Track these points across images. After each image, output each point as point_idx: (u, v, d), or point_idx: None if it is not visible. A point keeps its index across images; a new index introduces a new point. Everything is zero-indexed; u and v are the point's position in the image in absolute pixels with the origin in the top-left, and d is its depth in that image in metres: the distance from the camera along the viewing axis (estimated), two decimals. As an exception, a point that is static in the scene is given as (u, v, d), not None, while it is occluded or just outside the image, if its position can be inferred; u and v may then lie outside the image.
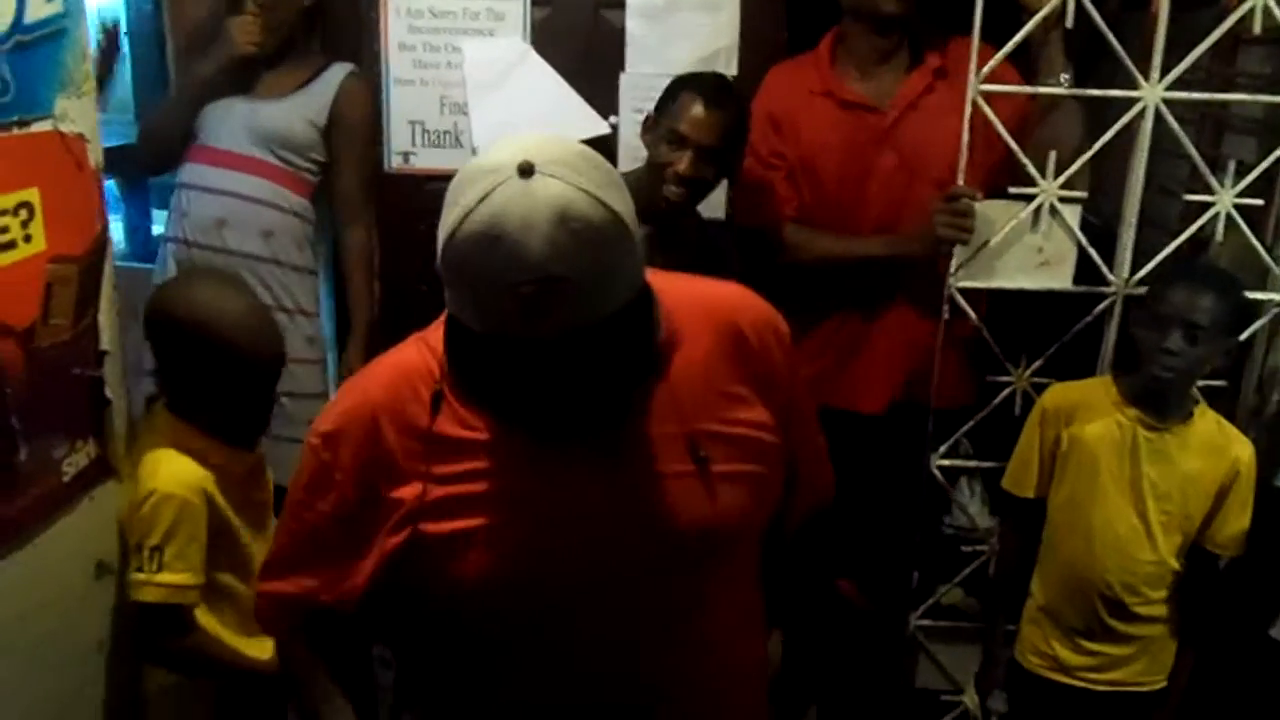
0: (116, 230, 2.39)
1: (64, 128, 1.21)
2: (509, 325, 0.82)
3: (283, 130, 1.86)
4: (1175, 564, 1.57)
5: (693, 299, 0.98)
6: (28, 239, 1.16)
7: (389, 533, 0.93)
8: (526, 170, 0.80)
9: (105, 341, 1.32)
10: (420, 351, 0.96)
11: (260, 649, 1.37)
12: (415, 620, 1.00)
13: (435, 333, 0.96)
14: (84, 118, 1.24)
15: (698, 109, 1.60)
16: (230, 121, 1.84)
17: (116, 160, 1.89)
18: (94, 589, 1.32)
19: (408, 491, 0.92)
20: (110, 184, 2.10)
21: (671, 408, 0.94)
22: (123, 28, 2.42)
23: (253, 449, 1.40)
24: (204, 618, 1.33)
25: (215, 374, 1.31)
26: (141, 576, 1.27)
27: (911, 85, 1.80)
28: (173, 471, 1.29)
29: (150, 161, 1.96)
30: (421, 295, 2.06)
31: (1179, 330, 1.46)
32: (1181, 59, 1.63)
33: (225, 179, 1.85)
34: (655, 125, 1.66)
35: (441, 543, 0.92)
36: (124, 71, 2.38)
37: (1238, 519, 1.56)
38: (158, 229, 2.49)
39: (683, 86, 1.64)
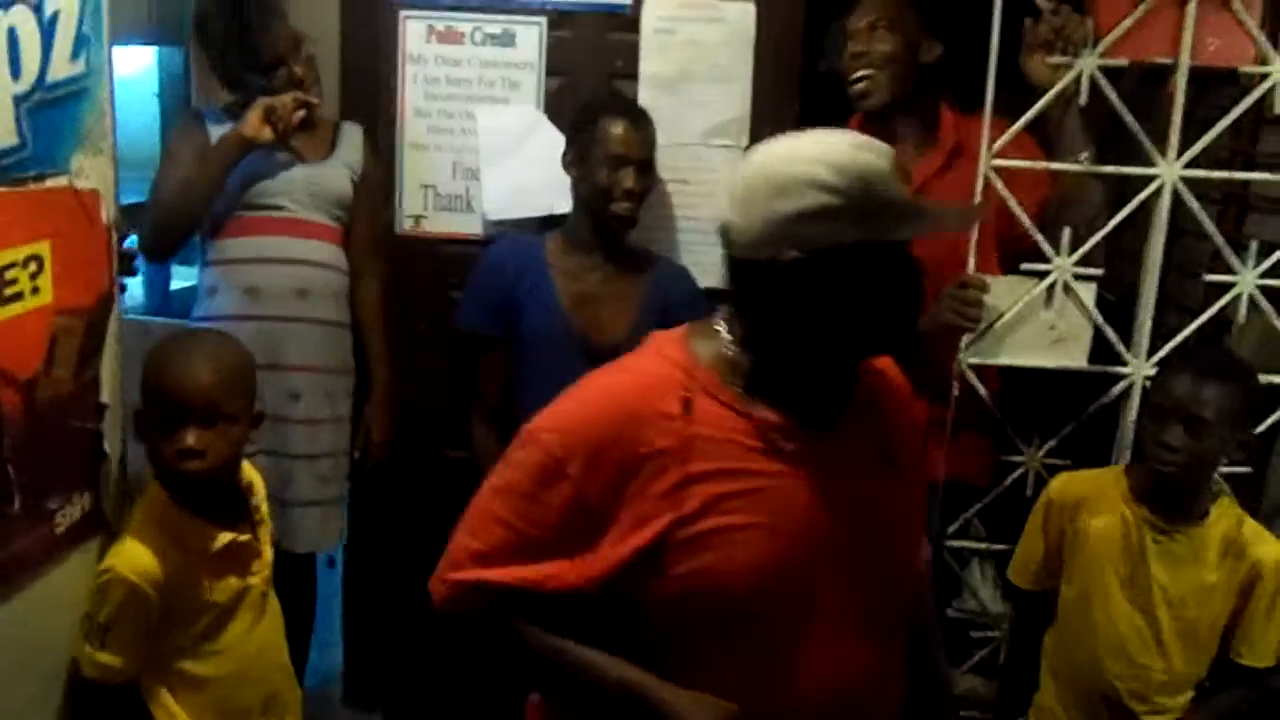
0: (136, 284, 2.43)
1: (79, 183, 1.24)
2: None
3: (339, 191, 1.89)
4: (1193, 673, 1.48)
5: None
6: (35, 291, 1.18)
7: (643, 525, 0.95)
8: None
9: (106, 395, 1.32)
10: (660, 363, 1.00)
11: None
12: (638, 616, 0.99)
13: (668, 346, 1.02)
14: (100, 174, 1.27)
15: (624, 129, 1.75)
16: (294, 190, 1.84)
17: (137, 217, 1.92)
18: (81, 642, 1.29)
19: (659, 491, 0.95)
20: (133, 240, 2.14)
21: (864, 415, 1.03)
22: (154, 89, 2.50)
23: (237, 531, 1.34)
24: (179, 711, 1.30)
25: (144, 409, 1.29)
26: (85, 649, 1.25)
27: (925, 166, 1.79)
28: (134, 554, 1.26)
29: (157, 249, 1.85)
30: (426, 350, 2.06)
31: (1179, 423, 1.40)
32: (1202, 138, 1.63)
33: (303, 248, 1.84)
34: (582, 158, 1.79)
35: (696, 540, 0.95)
36: (152, 131, 2.44)
37: (1263, 628, 1.46)
38: (176, 283, 2.53)
39: (598, 114, 1.78)
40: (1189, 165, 1.62)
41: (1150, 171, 1.63)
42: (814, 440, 0.98)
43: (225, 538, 1.31)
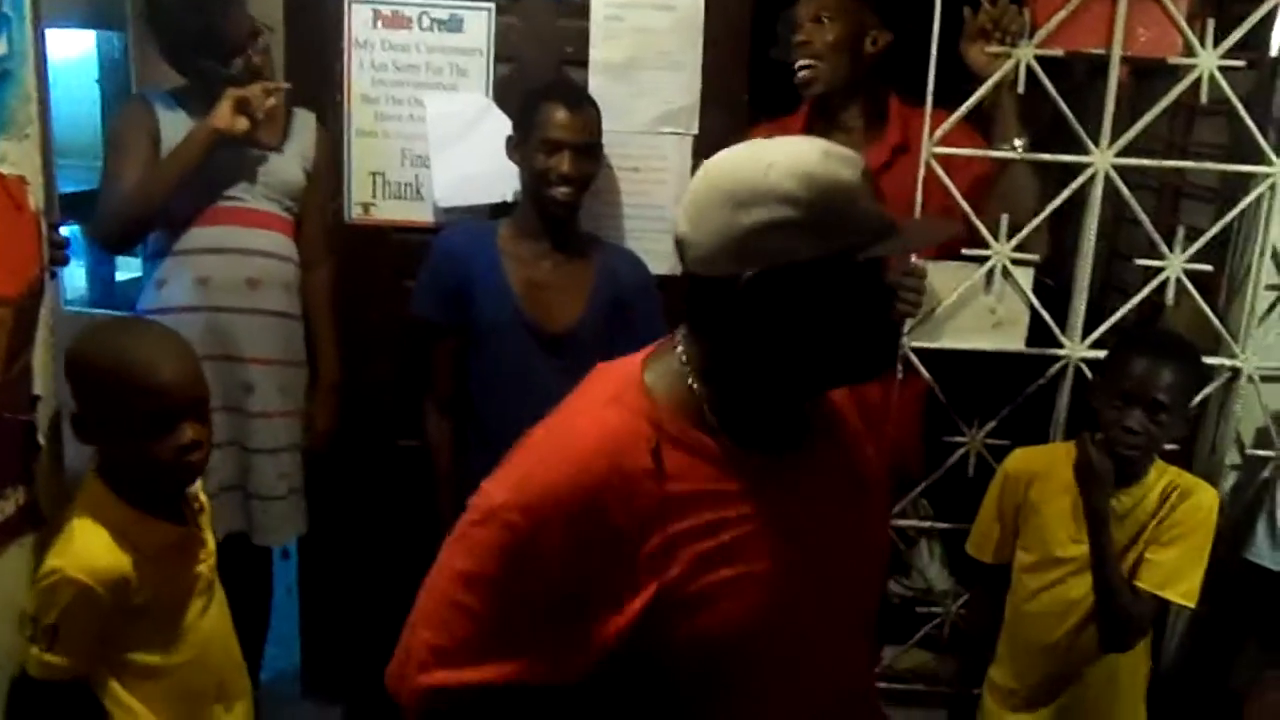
0: (79, 275, 2.38)
1: (4, 169, 1.21)
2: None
3: (292, 181, 1.87)
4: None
5: None
6: (-39, 280, 1.15)
7: (626, 601, 0.87)
8: None
9: (39, 386, 1.30)
10: (619, 413, 0.90)
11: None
12: (636, 679, 0.93)
13: (626, 392, 0.91)
14: (26, 160, 1.24)
15: (562, 114, 1.75)
16: (244, 179, 1.81)
17: (78, 205, 1.88)
18: (18, 640, 1.26)
19: (640, 560, 0.87)
20: (74, 229, 2.09)
21: (830, 436, 0.99)
22: (94, 74, 2.44)
23: (181, 523, 1.33)
24: (133, 703, 1.28)
25: (128, 411, 1.22)
26: (33, 651, 1.22)
27: (871, 158, 1.80)
28: (82, 553, 1.21)
29: (120, 243, 1.85)
30: (377, 339, 2.05)
31: (1140, 407, 1.46)
32: (1144, 128, 1.67)
33: (255, 238, 1.82)
34: (523, 142, 1.80)
35: (685, 603, 0.88)
36: (93, 116, 2.39)
37: (1190, 564, 1.50)
38: (121, 274, 2.48)
39: (539, 99, 1.78)
40: (1122, 154, 1.66)
41: (1083, 159, 1.67)
42: (785, 469, 0.93)
43: (174, 532, 1.30)
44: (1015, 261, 1.69)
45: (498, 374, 1.86)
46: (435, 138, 1.97)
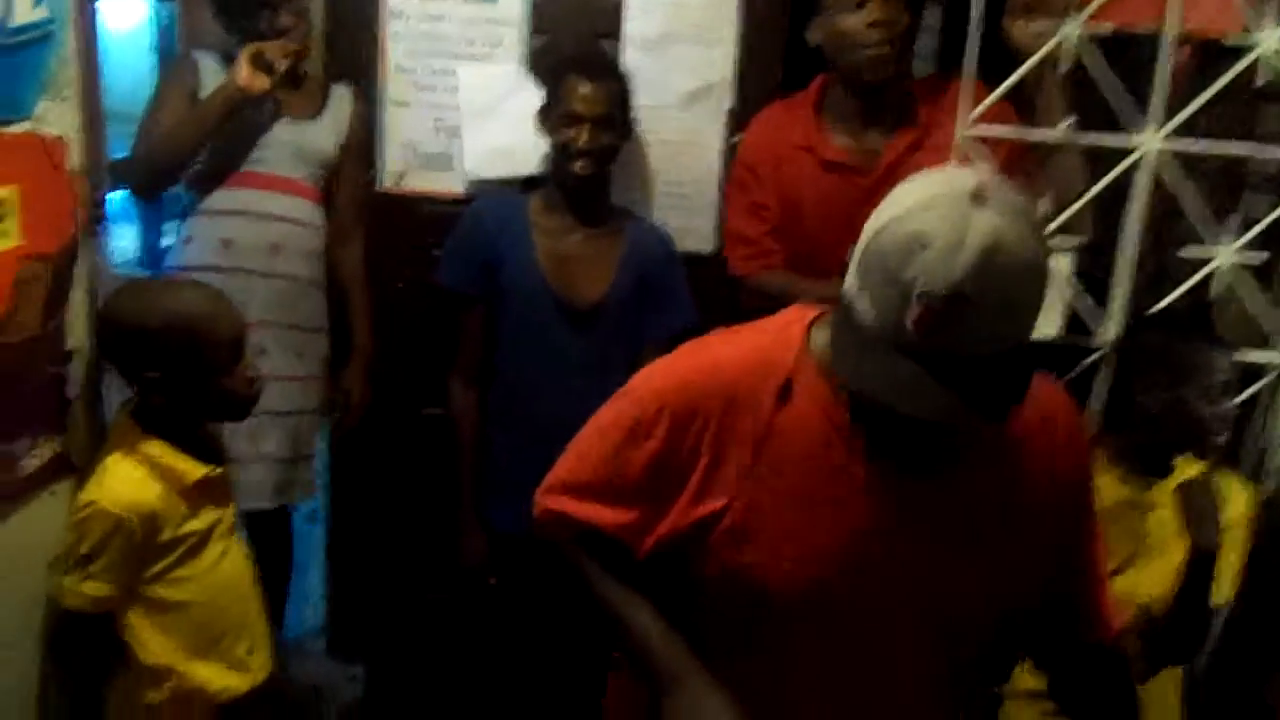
0: (128, 238, 2.45)
1: (43, 130, 1.24)
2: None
3: (324, 151, 1.89)
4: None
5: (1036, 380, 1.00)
6: (1, 235, 1.19)
7: (702, 502, 0.96)
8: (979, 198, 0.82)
9: (73, 340, 1.34)
10: (775, 342, 0.98)
11: (209, 670, 1.37)
12: (684, 588, 1.02)
13: (793, 326, 0.98)
14: (65, 121, 1.28)
15: (583, 86, 1.75)
16: (275, 145, 1.84)
17: (129, 171, 1.93)
18: (48, 584, 1.32)
19: (729, 472, 0.95)
20: (122, 194, 2.15)
21: (991, 468, 0.96)
22: (150, 42, 2.50)
23: (216, 463, 1.39)
24: (151, 636, 1.33)
25: (197, 355, 1.31)
26: (67, 582, 1.28)
27: (895, 145, 1.76)
28: (116, 486, 1.29)
29: (145, 190, 1.91)
30: (405, 308, 2.08)
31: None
32: (1206, 112, 1.59)
33: (279, 204, 1.85)
34: (548, 114, 1.81)
35: (743, 531, 0.95)
36: (148, 85, 2.44)
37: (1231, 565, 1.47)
38: (168, 239, 2.54)
39: (564, 71, 1.78)
40: (1173, 137, 1.59)
41: (1130, 142, 1.60)
42: (900, 480, 0.94)
43: (201, 470, 1.35)
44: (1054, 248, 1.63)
45: (523, 345, 1.87)
46: (468, 109, 1.98)
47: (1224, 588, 1.46)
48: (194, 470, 1.34)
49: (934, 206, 0.82)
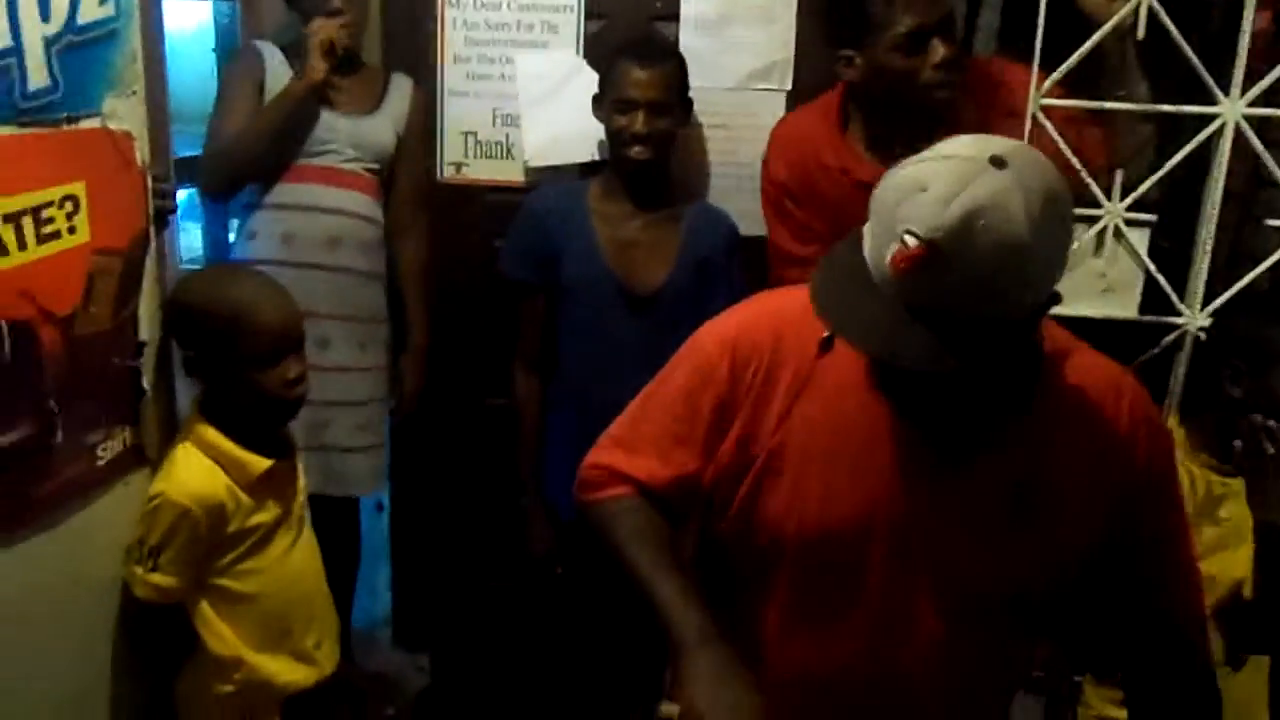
0: (195, 234, 2.50)
1: (112, 125, 1.26)
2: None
3: (382, 144, 1.90)
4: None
5: (1093, 370, 1.00)
6: (72, 230, 1.21)
7: (734, 448, 1.00)
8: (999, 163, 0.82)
9: (144, 333, 1.36)
10: None
11: (277, 663, 1.39)
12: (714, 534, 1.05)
13: None
14: (132, 117, 1.29)
15: (636, 72, 1.73)
16: (333, 139, 1.86)
17: (195, 168, 1.97)
18: (122, 573, 1.35)
19: (767, 415, 0.99)
20: (191, 192, 2.19)
21: (1029, 454, 0.96)
22: (211, 44, 2.54)
23: (283, 457, 1.40)
24: (221, 628, 1.35)
25: (235, 348, 1.32)
26: (138, 571, 1.30)
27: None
28: (184, 478, 1.31)
29: (222, 190, 1.92)
30: (467, 298, 2.08)
31: None
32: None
33: (339, 197, 1.86)
34: (603, 100, 1.79)
35: (769, 474, 0.98)
36: (210, 85, 2.48)
37: None
38: (235, 235, 2.59)
39: (617, 56, 1.76)
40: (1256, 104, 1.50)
41: (1211, 110, 1.52)
42: (922, 443, 0.95)
43: (266, 462, 1.36)
44: (1129, 222, 1.55)
45: (585, 333, 1.86)
46: (526, 97, 1.97)
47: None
48: (259, 463, 1.36)
49: (953, 157, 0.83)
